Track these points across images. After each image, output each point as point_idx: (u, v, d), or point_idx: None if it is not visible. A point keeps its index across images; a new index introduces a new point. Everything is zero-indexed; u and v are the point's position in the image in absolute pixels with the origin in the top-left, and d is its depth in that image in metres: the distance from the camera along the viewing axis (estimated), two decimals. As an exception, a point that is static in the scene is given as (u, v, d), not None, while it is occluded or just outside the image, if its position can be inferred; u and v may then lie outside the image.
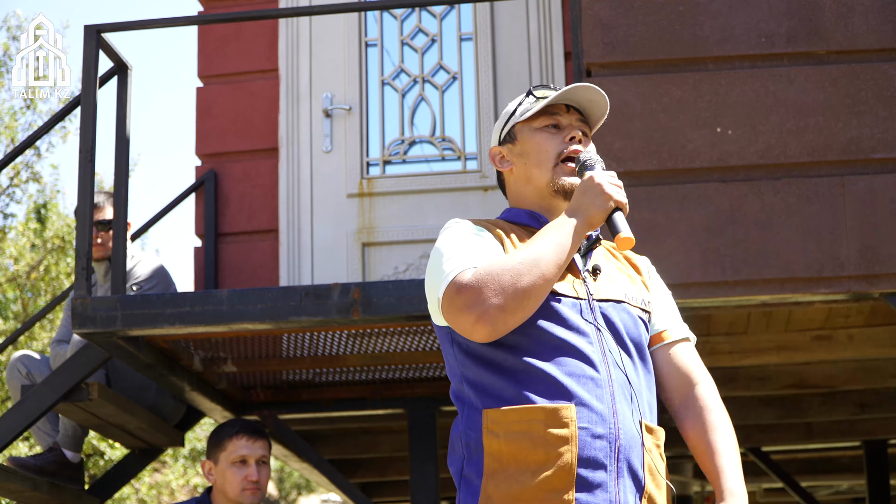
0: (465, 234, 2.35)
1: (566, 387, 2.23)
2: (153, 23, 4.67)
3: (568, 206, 2.34)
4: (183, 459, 15.09)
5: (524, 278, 2.20)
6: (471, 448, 2.27)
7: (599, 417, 2.24)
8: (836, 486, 9.60)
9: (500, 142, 2.52)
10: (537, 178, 2.44)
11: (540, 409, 2.21)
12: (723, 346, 5.65)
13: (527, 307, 2.21)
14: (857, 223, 4.08)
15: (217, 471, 4.20)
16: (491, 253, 2.30)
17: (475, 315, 2.19)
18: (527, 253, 2.23)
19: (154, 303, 4.41)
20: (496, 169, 2.54)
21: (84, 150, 4.45)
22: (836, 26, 4.22)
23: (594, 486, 2.21)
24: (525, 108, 2.48)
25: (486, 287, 2.19)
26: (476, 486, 2.24)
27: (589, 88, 2.44)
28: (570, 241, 2.27)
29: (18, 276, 13.36)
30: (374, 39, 5.61)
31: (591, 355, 2.28)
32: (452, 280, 2.24)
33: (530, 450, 2.20)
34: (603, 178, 2.32)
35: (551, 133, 2.45)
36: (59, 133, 13.75)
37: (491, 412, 2.24)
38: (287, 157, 5.55)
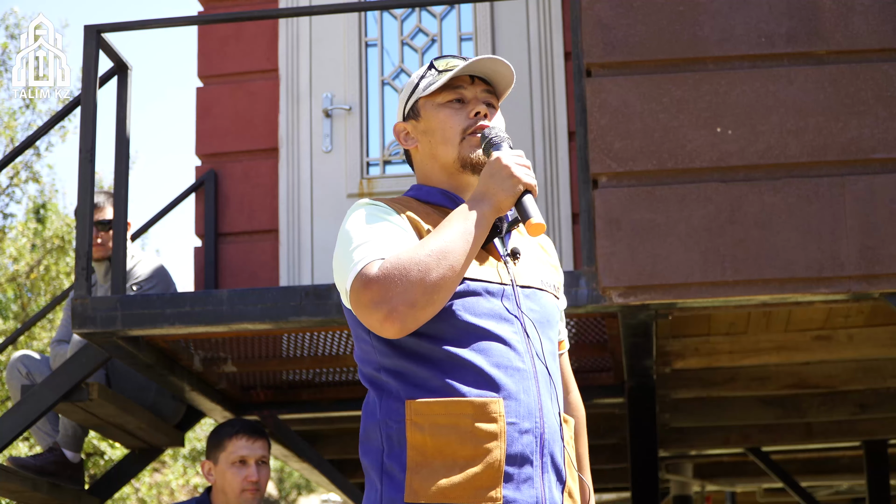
0: (374, 218, 2.24)
1: (494, 379, 2.17)
2: (153, 23, 4.67)
3: (474, 190, 2.23)
4: (183, 459, 15.09)
5: (433, 272, 2.10)
6: (392, 440, 2.18)
7: (527, 411, 2.18)
8: (836, 486, 9.60)
9: (405, 117, 2.42)
10: (443, 155, 2.35)
11: (468, 403, 2.14)
12: (723, 346, 5.65)
13: (437, 301, 2.12)
14: (857, 223, 4.08)
15: (217, 471, 4.19)
16: (402, 241, 2.19)
17: (383, 312, 2.09)
18: (434, 244, 2.12)
19: (154, 303, 4.41)
20: (402, 147, 2.43)
21: (84, 150, 4.45)
22: (836, 26, 4.22)
23: (521, 481, 2.16)
24: (428, 82, 2.38)
25: (394, 283, 2.09)
26: (400, 479, 2.15)
27: (491, 59, 2.34)
28: (478, 228, 2.17)
29: (18, 276, 13.36)
30: (374, 39, 5.61)
31: (517, 345, 2.22)
32: (359, 273, 2.12)
33: (457, 444, 2.13)
34: (510, 160, 2.22)
35: (455, 108, 2.35)
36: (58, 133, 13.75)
37: (415, 404, 2.16)
38: (287, 157, 5.55)
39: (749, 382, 6.21)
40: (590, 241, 4.19)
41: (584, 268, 4.18)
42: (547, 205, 5.26)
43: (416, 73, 2.43)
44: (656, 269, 4.10)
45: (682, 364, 5.88)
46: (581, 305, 4.17)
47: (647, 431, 5.08)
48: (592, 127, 4.20)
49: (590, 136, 4.20)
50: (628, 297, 4.11)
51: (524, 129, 5.36)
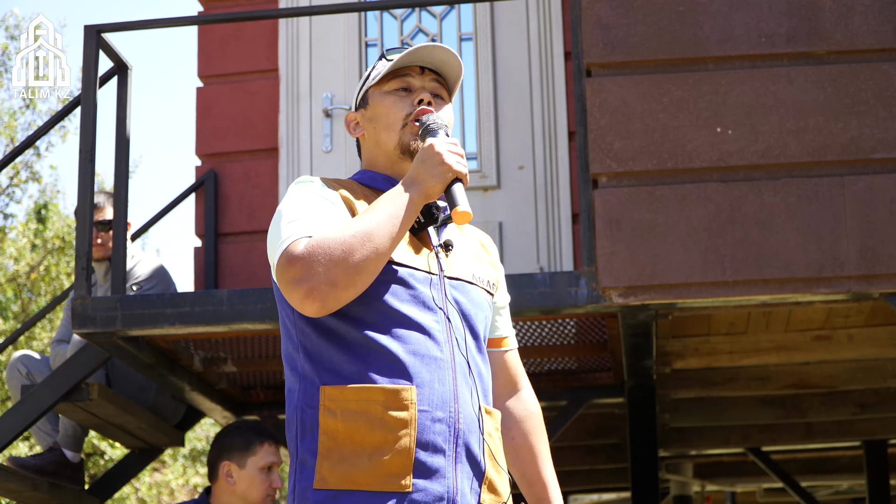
0: (310, 196, 2.23)
1: (407, 366, 2.15)
2: (153, 23, 4.67)
3: (406, 174, 2.22)
4: (183, 459, 15.10)
5: (356, 253, 2.09)
6: (306, 425, 2.17)
7: (440, 400, 2.17)
8: (836, 486, 9.60)
9: (356, 108, 2.42)
10: (385, 141, 2.34)
11: (379, 390, 2.13)
12: (723, 346, 5.65)
13: (359, 283, 2.11)
14: (857, 223, 4.08)
15: (241, 475, 4.17)
16: (334, 219, 2.18)
17: (304, 290, 2.08)
18: (360, 226, 2.12)
19: (154, 303, 4.41)
20: (352, 136, 2.42)
21: (84, 150, 4.45)
22: (836, 26, 4.22)
23: (432, 471, 2.14)
24: (378, 72, 2.38)
25: (317, 261, 2.08)
26: (311, 467, 2.14)
27: (439, 48, 2.34)
28: (405, 213, 2.15)
29: (18, 276, 13.36)
30: (374, 39, 5.61)
31: (437, 334, 2.20)
32: (285, 249, 2.12)
33: (367, 431, 2.12)
34: (443, 147, 2.20)
35: (401, 96, 2.35)
36: (58, 132, 13.76)
37: (329, 389, 2.15)
38: (287, 157, 5.55)
39: (749, 382, 6.21)
40: (590, 241, 4.19)
41: (584, 268, 4.18)
42: (547, 205, 5.26)
43: (371, 66, 2.44)
44: (656, 269, 4.11)
45: (682, 364, 5.88)
46: (581, 305, 4.17)
47: (647, 431, 5.08)
48: (592, 127, 4.20)
49: (590, 136, 4.20)
50: (628, 297, 4.11)
51: (524, 129, 5.36)
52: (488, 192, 5.36)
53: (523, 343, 5.00)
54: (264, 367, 5.28)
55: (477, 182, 5.36)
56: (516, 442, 2.45)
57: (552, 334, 4.89)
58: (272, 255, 2.17)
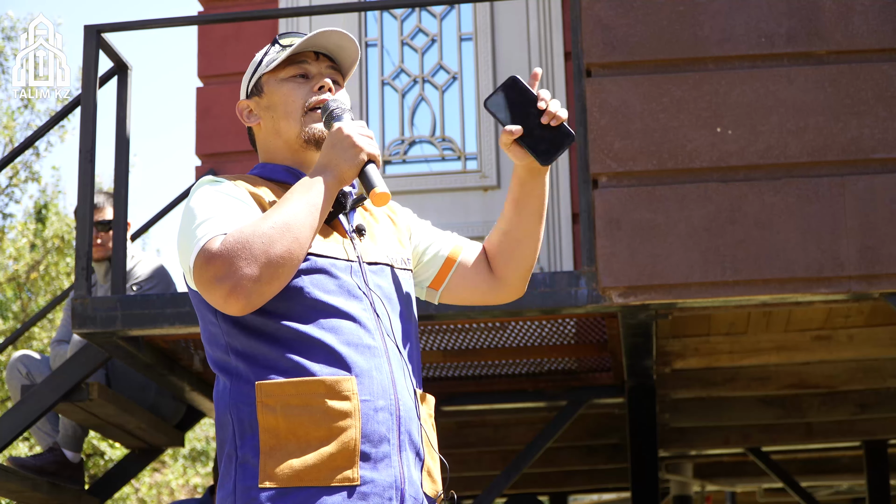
0: (219, 194, 2.17)
1: (344, 357, 2.12)
2: (153, 23, 4.67)
3: (317, 160, 2.18)
4: (183, 459, 15.10)
5: (277, 245, 2.04)
6: (244, 424, 2.10)
7: (380, 389, 2.13)
8: (836, 486, 9.60)
9: (248, 95, 2.38)
10: (286, 130, 2.30)
11: (320, 382, 2.08)
12: (723, 346, 5.65)
13: (282, 275, 2.06)
14: (857, 223, 4.08)
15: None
16: (245, 216, 2.13)
17: (227, 288, 2.02)
18: (278, 217, 2.07)
19: (154, 303, 4.41)
20: (244, 124, 2.39)
21: (84, 150, 4.45)
22: (836, 26, 4.22)
23: (378, 460, 2.11)
24: (272, 58, 2.34)
25: (237, 257, 2.02)
26: (254, 465, 2.08)
27: (336, 33, 2.30)
28: (321, 200, 2.12)
29: (18, 276, 13.37)
30: (374, 39, 5.61)
31: (366, 322, 2.17)
32: (202, 248, 2.05)
33: (311, 425, 2.07)
34: (352, 130, 2.17)
35: (299, 83, 2.31)
36: (57, 132, 13.76)
37: (265, 385, 2.09)
38: (287, 157, 5.55)
39: (749, 382, 6.21)
40: (590, 241, 4.19)
41: (584, 268, 4.18)
42: (547, 205, 5.26)
43: (260, 52, 2.40)
44: (656, 269, 4.10)
45: (682, 364, 5.88)
46: (581, 305, 4.17)
47: (647, 431, 5.08)
48: (592, 127, 4.20)
49: (590, 136, 4.20)
50: (628, 297, 4.11)
51: (524, 129, 5.35)
52: (488, 192, 5.36)
53: (523, 343, 5.00)
54: (264, 367, 5.28)
55: (477, 182, 5.37)
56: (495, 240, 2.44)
57: (552, 334, 4.89)
58: (186, 258, 2.12)
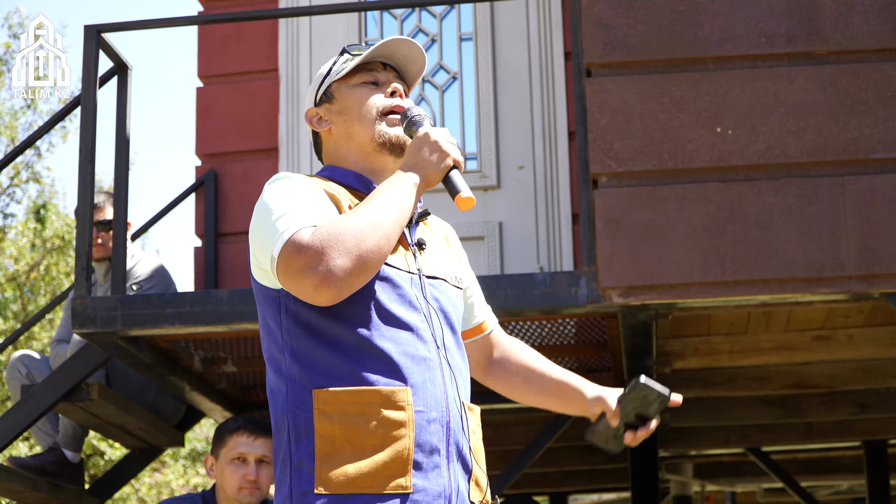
0: (296, 189, 2.21)
1: (401, 368, 2.16)
2: (153, 23, 4.67)
3: (403, 163, 2.23)
4: (183, 459, 15.10)
5: (368, 239, 2.08)
6: (299, 430, 2.14)
7: (433, 400, 2.17)
8: (836, 486, 9.61)
9: (317, 103, 2.40)
10: (360, 134, 2.33)
11: (376, 392, 2.13)
12: (723, 346, 5.65)
13: (370, 269, 2.10)
14: (857, 223, 4.08)
15: (217, 467, 4.15)
16: (327, 212, 2.17)
17: (318, 277, 2.05)
18: (368, 213, 2.11)
19: (154, 303, 4.41)
20: (313, 130, 2.41)
21: (84, 150, 4.45)
22: (836, 26, 4.22)
23: (429, 470, 2.15)
24: (341, 67, 2.37)
25: (330, 247, 2.05)
26: (309, 471, 2.12)
27: (406, 43, 2.35)
28: (410, 200, 2.17)
29: (18, 276, 13.37)
30: (374, 39, 5.61)
31: (424, 334, 2.21)
32: (290, 239, 2.08)
33: (366, 433, 2.11)
34: (439, 135, 2.22)
35: (371, 88, 2.35)
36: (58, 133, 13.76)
37: (322, 393, 2.13)
38: (287, 157, 5.55)
39: (749, 382, 6.21)
40: (590, 241, 4.19)
41: (584, 268, 4.18)
42: (547, 205, 5.26)
43: (328, 63, 2.43)
44: (656, 269, 4.10)
45: (682, 364, 5.88)
46: (581, 305, 4.17)
47: (647, 431, 5.07)
48: (592, 127, 4.20)
49: (590, 136, 4.20)
50: (628, 297, 4.11)
51: (524, 129, 5.35)
52: (488, 192, 5.36)
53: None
54: (264, 367, 5.28)
55: (477, 182, 5.36)
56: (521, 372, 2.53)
57: (552, 334, 4.89)
58: (267, 249, 2.14)
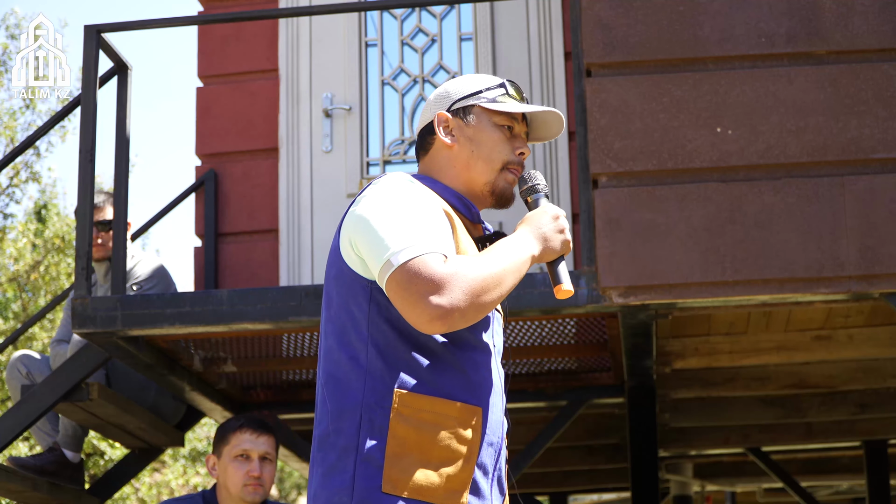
0: (423, 203, 2.24)
1: (477, 388, 2.24)
2: (153, 23, 4.67)
3: (527, 227, 2.28)
4: (183, 459, 15.09)
5: (490, 292, 2.14)
6: (374, 424, 2.17)
7: (495, 425, 2.27)
8: (836, 486, 9.60)
9: (452, 111, 2.40)
10: (479, 172, 2.37)
11: (454, 406, 2.19)
12: (723, 346, 5.65)
13: (479, 318, 2.16)
14: (857, 223, 4.08)
15: (220, 465, 4.15)
16: (449, 239, 2.21)
17: (438, 311, 2.09)
18: (497, 266, 2.17)
19: (154, 303, 4.41)
20: (436, 133, 2.39)
21: (84, 150, 4.45)
22: (836, 26, 4.22)
23: (481, 490, 2.24)
24: (493, 96, 2.39)
25: (459, 288, 2.10)
26: (378, 467, 2.15)
27: (553, 114, 2.43)
28: (526, 267, 2.24)
29: (18, 276, 13.36)
30: (374, 39, 5.61)
31: (492, 361, 2.30)
32: (420, 259, 2.11)
33: (436, 443, 2.17)
34: (565, 223, 2.31)
35: (506, 136, 2.39)
36: (58, 133, 13.75)
37: (403, 395, 2.17)
38: (287, 157, 5.55)
39: (749, 382, 6.21)
40: (590, 241, 4.19)
41: (584, 268, 4.18)
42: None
43: (479, 78, 2.44)
44: (656, 269, 4.10)
45: (682, 364, 5.88)
46: (581, 305, 4.17)
47: (647, 431, 5.08)
48: (592, 127, 4.20)
49: (590, 136, 4.20)
50: (628, 297, 4.11)
51: (524, 129, 5.35)
52: (488, 192, 5.35)
53: (523, 343, 5.00)
54: (264, 367, 5.28)
55: (477, 182, 5.36)
56: None
57: (552, 334, 4.89)
58: (381, 251, 2.15)
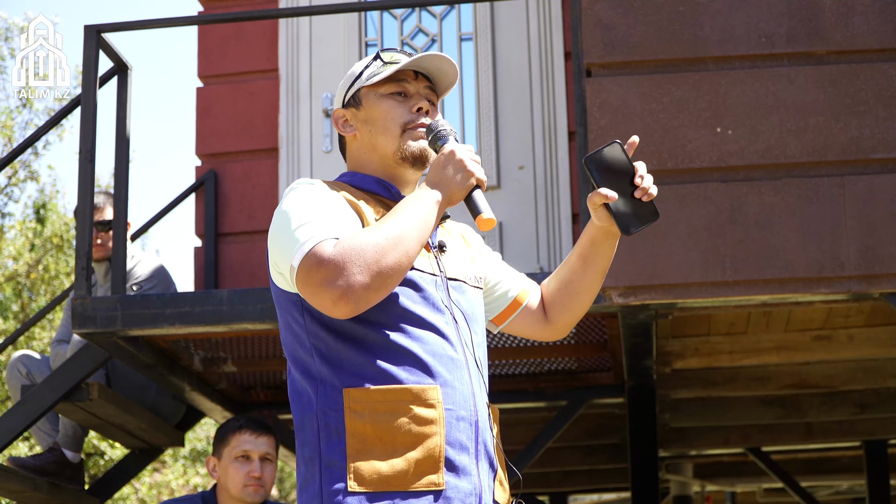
0: (319, 197, 2.23)
1: (429, 366, 2.19)
2: (153, 23, 4.67)
3: (427, 178, 2.24)
4: (183, 459, 15.09)
5: (389, 255, 2.10)
6: (330, 428, 2.17)
7: (462, 399, 2.21)
8: (836, 486, 9.60)
9: (345, 105, 2.41)
10: (383, 146, 2.35)
11: (407, 390, 2.16)
12: (723, 346, 5.65)
13: (390, 285, 2.13)
14: (857, 223, 4.08)
15: (220, 466, 4.16)
16: (348, 223, 2.19)
17: (338, 292, 2.08)
18: (391, 229, 2.13)
19: (154, 303, 4.41)
20: (338, 133, 2.43)
21: (84, 150, 4.45)
22: (836, 26, 4.22)
23: (460, 468, 2.18)
24: (372, 72, 2.38)
25: (351, 263, 2.08)
26: (341, 469, 2.15)
27: (438, 57, 2.36)
28: (433, 217, 2.19)
29: (18, 276, 13.36)
30: (374, 39, 5.61)
31: (450, 335, 2.24)
32: (311, 251, 2.11)
33: (397, 431, 2.15)
34: (464, 154, 2.24)
35: (398, 101, 2.36)
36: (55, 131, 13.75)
37: (353, 391, 2.16)
38: (287, 157, 5.55)
39: (749, 382, 6.21)
40: (590, 241, 4.18)
41: (584, 268, 4.18)
42: (547, 205, 5.26)
43: (360, 63, 2.43)
44: (656, 269, 4.10)
45: (682, 364, 5.88)
46: (581, 305, 4.16)
47: (647, 431, 5.08)
48: (592, 127, 4.20)
49: (590, 136, 4.20)
50: (628, 297, 4.11)
51: (524, 129, 5.35)
52: (488, 192, 5.36)
53: (523, 343, 5.00)
54: (264, 367, 5.28)
55: (477, 182, 5.36)
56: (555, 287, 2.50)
57: (552, 334, 4.88)
58: (286, 258, 2.16)
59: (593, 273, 2.44)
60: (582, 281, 2.45)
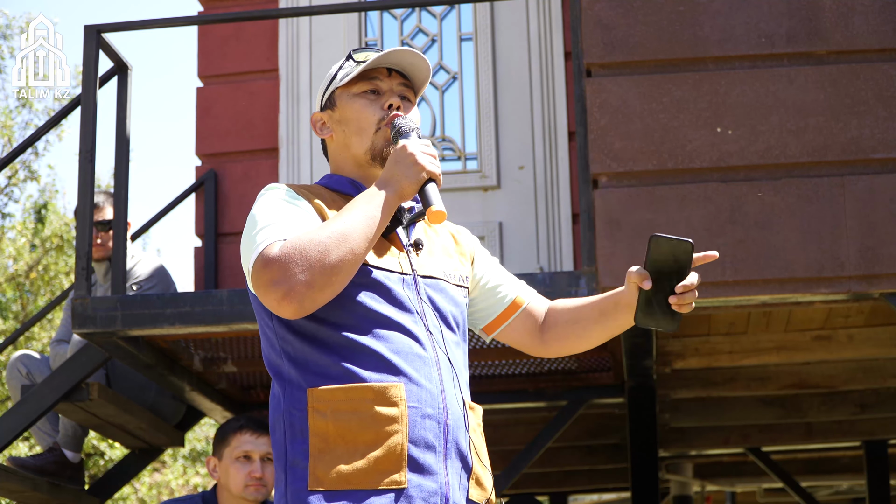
0: (280, 202, 2.24)
1: (394, 364, 2.18)
2: (153, 23, 4.67)
3: (380, 176, 2.25)
4: (183, 459, 15.10)
5: (332, 254, 2.10)
6: (295, 428, 2.18)
7: (429, 397, 2.19)
8: (836, 486, 9.60)
9: (322, 107, 2.44)
10: (356, 145, 2.36)
11: (368, 388, 2.15)
12: (723, 346, 5.65)
13: (335, 283, 2.12)
14: (857, 223, 4.08)
15: (221, 467, 4.16)
16: (307, 224, 2.20)
17: (281, 292, 2.09)
18: (335, 227, 2.14)
19: (154, 303, 4.41)
20: (318, 136, 2.45)
21: (84, 150, 4.45)
22: (836, 26, 4.22)
23: (424, 467, 2.16)
24: (345, 73, 2.39)
25: (293, 262, 2.09)
26: (303, 468, 2.15)
27: (408, 52, 2.36)
28: (380, 213, 2.18)
29: (17, 276, 13.36)
30: (374, 39, 5.61)
31: (417, 333, 2.23)
32: (260, 253, 2.13)
33: (359, 430, 2.14)
34: (416, 148, 2.23)
35: (370, 99, 2.37)
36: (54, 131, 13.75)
37: (317, 391, 2.16)
38: (287, 157, 5.55)
39: (749, 382, 6.20)
40: (590, 241, 4.19)
41: (584, 268, 4.18)
42: (547, 205, 5.26)
43: (335, 66, 2.44)
44: (656, 269, 4.10)
45: (682, 364, 5.88)
46: (581, 305, 4.16)
47: (647, 431, 5.08)
48: (592, 127, 4.20)
49: (590, 136, 4.20)
50: (628, 297, 4.10)
51: (524, 129, 5.35)
52: (488, 192, 5.36)
53: (523, 343, 4.99)
54: (264, 368, 5.28)
55: (477, 182, 5.37)
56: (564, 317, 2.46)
57: (552, 334, 4.88)
58: (247, 261, 2.19)
59: (602, 330, 2.43)
60: (588, 330, 2.44)
